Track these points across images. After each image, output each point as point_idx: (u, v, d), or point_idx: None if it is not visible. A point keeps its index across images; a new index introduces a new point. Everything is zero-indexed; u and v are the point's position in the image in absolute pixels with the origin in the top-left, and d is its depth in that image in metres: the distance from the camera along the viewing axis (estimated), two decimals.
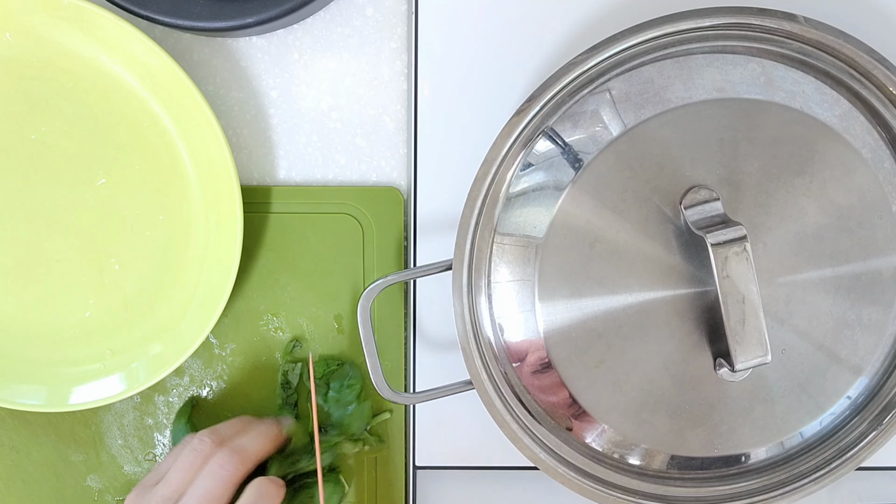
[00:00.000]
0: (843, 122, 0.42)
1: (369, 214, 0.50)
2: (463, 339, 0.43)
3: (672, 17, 0.41)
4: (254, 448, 0.45)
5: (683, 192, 0.42)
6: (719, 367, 0.43)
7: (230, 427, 0.47)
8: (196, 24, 0.45)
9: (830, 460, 0.45)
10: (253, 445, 0.46)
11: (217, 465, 0.44)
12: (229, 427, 0.47)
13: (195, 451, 0.44)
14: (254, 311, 0.51)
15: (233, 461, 0.44)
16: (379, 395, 0.45)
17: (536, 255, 0.42)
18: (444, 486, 0.52)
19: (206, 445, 0.45)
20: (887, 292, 0.43)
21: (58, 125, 0.48)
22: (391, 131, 0.51)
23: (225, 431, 0.46)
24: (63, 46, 0.46)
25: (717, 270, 0.40)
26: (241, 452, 0.45)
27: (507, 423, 0.43)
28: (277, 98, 0.51)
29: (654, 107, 0.42)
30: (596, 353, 0.43)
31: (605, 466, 0.44)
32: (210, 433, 0.45)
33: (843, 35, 0.41)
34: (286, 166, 0.51)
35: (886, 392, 0.45)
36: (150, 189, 0.48)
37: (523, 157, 0.42)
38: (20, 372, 0.49)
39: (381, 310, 0.51)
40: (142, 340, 0.50)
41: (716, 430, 0.44)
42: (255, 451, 0.45)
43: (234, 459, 0.44)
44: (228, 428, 0.47)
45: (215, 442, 0.45)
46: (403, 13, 0.50)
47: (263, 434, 0.47)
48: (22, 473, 0.52)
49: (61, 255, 0.49)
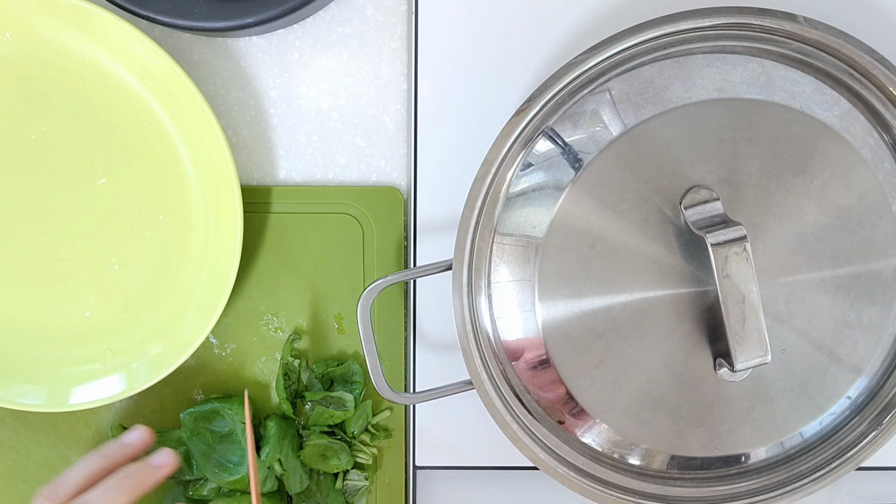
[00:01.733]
0: (843, 122, 0.42)
1: (369, 214, 0.50)
2: (463, 339, 0.43)
3: (672, 17, 0.41)
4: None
5: (683, 192, 0.42)
6: (719, 367, 0.43)
7: (70, 475, 0.41)
8: (196, 24, 0.45)
9: (830, 460, 0.45)
10: (101, 502, 0.40)
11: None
12: (69, 474, 0.41)
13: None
14: (254, 311, 0.51)
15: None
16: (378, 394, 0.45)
17: (536, 255, 0.42)
18: (444, 486, 0.52)
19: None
20: (887, 292, 0.43)
21: (58, 125, 0.48)
22: (391, 131, 0.51)
23: (64, 481, 0.40)
24: (63, 46, 0.46)
25: (717, 270, 0.40)
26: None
27: (507, 423, 0.43)
28: (277, 98, 0.51)
29: (654, 107, 0.42)
30: (596, 353, 0.43)
31: (605, 466, 0.44)
32: (45, 490, 0.40)
33: (843, 35, 0.42)
34: (286, 166, 0.51)
35: (886, 392, 0.45)
36: (150, 189, 0.48)
37: (523, 157, 0.42)
38: (20, 372, 0.49)
39: (381, 310, 0.51)
40: (142, 340, 0.50)
41: (716, 430, 0.44)
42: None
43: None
44: (68, 477, 0.41)
45: (48, 498, 0.40)
46: (403, 13, 0.50)
47: (114, 488, 0.40)
48: (22, 473, 0.52)
49: (61, 255, 0.49)
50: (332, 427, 0.50)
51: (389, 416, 0.51)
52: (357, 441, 0.50)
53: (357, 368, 0.50)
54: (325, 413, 0.49)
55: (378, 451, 0.51)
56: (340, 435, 0.50)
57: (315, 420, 0.49)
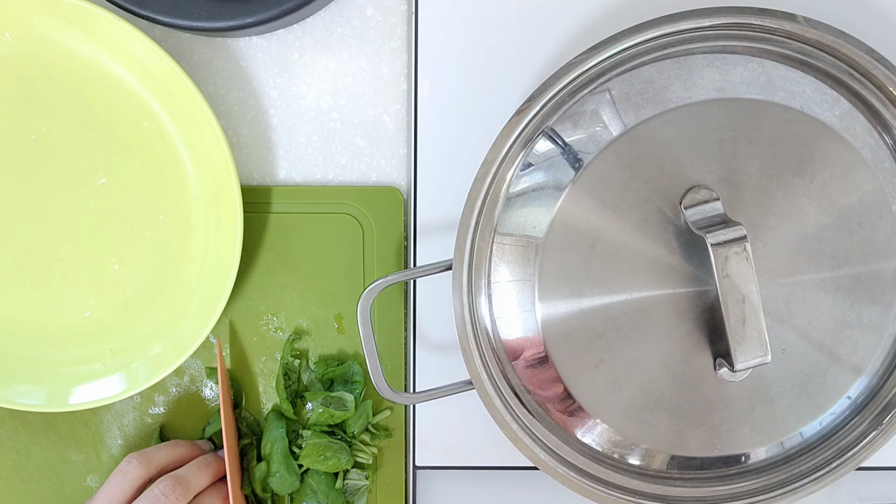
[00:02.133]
0: (843, 122, 0.42)
1: (369, 214, 0.50)
2: (463, 339, 0.43)
3: (672, 17, 0.41)
4: (197, 481, 0.46)
5: (683, 192, 0.42)
6: (719, 367, 0.43)
7: (160, 451, 0.47)
8: (196, 24, 0.45)
9: (830, 460, 0.45)
10: (197, 479, 0.46)
11: (161, 493, 0.44)
12: (159, 450, 0.47)
13: (121, 473, 0.45)
14: (254, 311, 0.51)
15: (175, 491, 0.44)
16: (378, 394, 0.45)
17: (536, 255, 0.42)
18: (444, 486, 0.52)
19: (133, 467, 0.45)
20: (887, 292, 0.43)
21: (58, 125, 0.48)
22: (391, 131, 0.51)
23: (154, 455, 0.46)
24: (63, 46, 0.46)
25: (717, 270, 0.40)
26: (185, 484, 0.45)
27: (507, 423, 0.43)
28: (277, 98, 0.51)
29: (654, 107, 0.42)
30: (596, 353, 0.43)
31: (605, 466, 0.44)
32: (137, 455, 0.46)
33: (843, 35, 0.41)
34: (286, 166, 0.51)
35: (886, 392, 0.45)
36: (150, 189, 0.48)
37: (523, 157, 0.42)
38: (20, 372, 0.49)
39: (381, 310, 0.51)
40: (142, 340, 0.50)
41: (716, 430, 0.44)
42: (197, 483, 0.46)
43: (177, 490, 0.44)
44: (158, 451, 0.47)
45: (142, 463, 0.45)
46: (403, 13, 0.50)
47: (205, 467, 0.47)
48: (22, 473, 0.52)
49: (61, 255, 0.49)
50: (333, 427, 0.50)
51: (389, 416, 0.51)
52: (357, 441, 0.50)
53: (357, 368, 0.50)
54: (325, 413, 0.49)
55: (378, 451, 0.51)
56: (340, 435, 0.50)
57: (315, 420, 0.49)
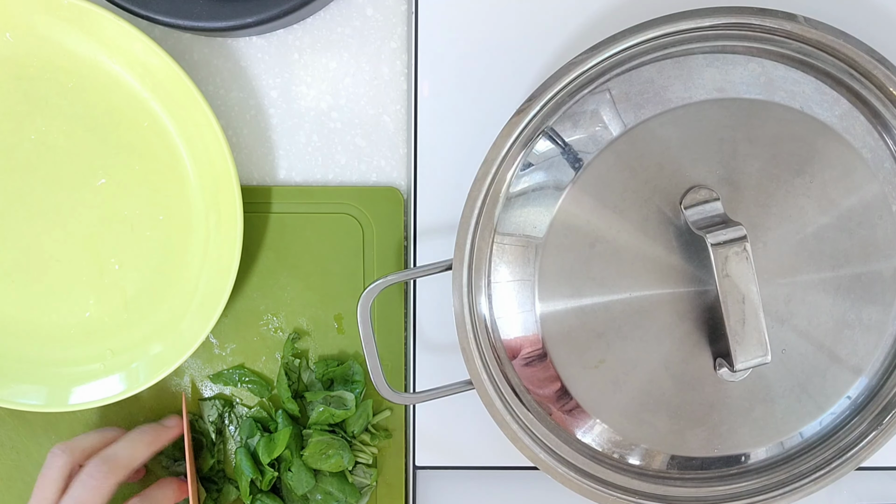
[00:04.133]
0: (843, 122, 0.42)
1: (369, 214, 0.50)
2: (463, 339, 0.43)
3: (672, 17, 0.41)
4: (125, 455, 0.45)
5: (683, 192, 0.42)
6: (719, 367, 0.43)
7: (86, 437, 0.47)
8: (196, 24, 0.45)
9: (830, 460, 0.45)
10: (125, 452, 0.45)
11: (86, 475, 0.44)
12: (85, 437, 0.47)
13: (47, 467, 0.45)
14: (254, 311, 0.51)
15: (101, 470, 0.44)
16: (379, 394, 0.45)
17: (536, 255, 0.42)
18: (444, 486, 0.52)
19: (56, 458, 0.45)
20: (887, 292, 0.43)
21: (58, 125, 0.48)
22: (391, 131, 0.51)
23: (80, 442, 0.46)
24: (63, 46, 0.46)
25: (717, 270, 0.40)
26: (111, 461, 0.44)
27: (507, 423, 0.43)
28: (277, 98, 0.51)
29: (654, 107, 0.42)
30: (596, 353, 0.43)
31: (605, 466, 0.44)
32: (60, 445, 0.45)
33: (843, 35, 0.41)
34: (286, 166, 0.51)
35: (886, 392, 0.45)
36: (150, 189, 0.48)
37: (523, 157, 0.42)
38: (20, 372, 0.49)
39: (381, 310, 0.51)
40: (142, 340, 0.50)
41: (716, 430, 0.44)
42: (126, 458, 0.45)
43: (102, 468, 0.44)
44: (84, 438, 0.47)
45: (65, 451, 0.45)
46: (403, 13, 0.50)
47: (136, 440, 0.46)
48: (22, 473, 0.52)
49: (61, 255, 0.49)
50: (333, 426, 0.50)
51: (389, 416, 0.51)
52: (357, 441, 0.50)
53: (357, 368, 0.50)
54: (325, 412, 0.49)
55: (378, 451, 0.51)
56: (341, 434, 0.50)
57: (316, 419, 0.49)
